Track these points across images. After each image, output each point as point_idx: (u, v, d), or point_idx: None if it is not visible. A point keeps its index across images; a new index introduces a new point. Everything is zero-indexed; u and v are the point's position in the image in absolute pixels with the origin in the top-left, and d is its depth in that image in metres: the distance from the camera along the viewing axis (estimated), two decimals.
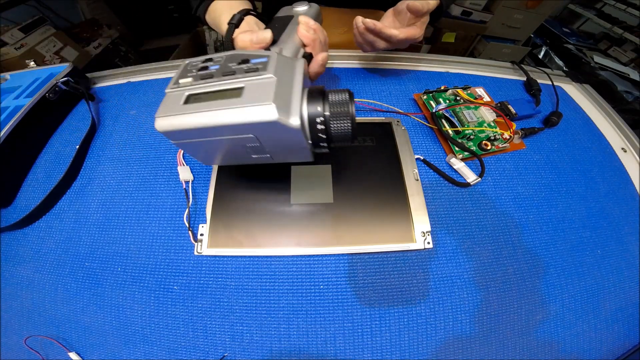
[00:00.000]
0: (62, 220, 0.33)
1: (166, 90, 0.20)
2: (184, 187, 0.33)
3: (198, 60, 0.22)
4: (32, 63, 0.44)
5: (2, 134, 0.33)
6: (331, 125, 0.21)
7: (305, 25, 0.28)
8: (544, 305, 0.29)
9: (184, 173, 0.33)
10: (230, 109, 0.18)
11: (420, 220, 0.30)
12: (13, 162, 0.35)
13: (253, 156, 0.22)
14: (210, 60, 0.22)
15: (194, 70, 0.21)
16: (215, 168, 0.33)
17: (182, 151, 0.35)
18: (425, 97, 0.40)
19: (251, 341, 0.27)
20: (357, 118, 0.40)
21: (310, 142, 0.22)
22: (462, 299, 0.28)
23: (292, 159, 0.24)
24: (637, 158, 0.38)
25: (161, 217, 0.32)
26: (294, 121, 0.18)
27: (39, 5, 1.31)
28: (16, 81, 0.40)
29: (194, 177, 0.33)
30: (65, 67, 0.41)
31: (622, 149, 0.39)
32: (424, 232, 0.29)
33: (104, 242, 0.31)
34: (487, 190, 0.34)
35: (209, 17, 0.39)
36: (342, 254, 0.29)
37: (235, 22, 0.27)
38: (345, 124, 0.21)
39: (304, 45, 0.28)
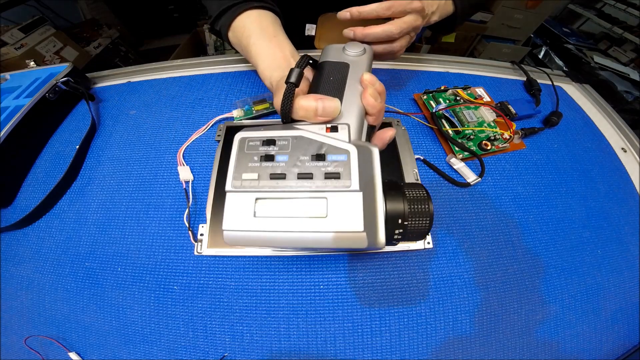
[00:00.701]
0: (62, 220, 0.33)
1: (227, 190, 0.18)
2: (184, 187, 0.33)
3: (255, 138, 0.19)
4: (32, 63, 0.44)
5: (2, 134, 0.33)
6: (408, 226, 0.19)
7: (373, 90, 0.23)
8: (544, 305, 0.29)
9: (184, 173, 0.33)
10: (315, 233, 0.16)
11: None
12: (13, 162, 0.35)
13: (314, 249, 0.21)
14: (272, 143, 0.19)
15: (255, 158, 0.18)
16: (215, 168, 0.33)
17: (182, 151, 0.35)
18: (425, 97, 0.40)
19: (251, 341, 0.27)
20: None
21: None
22: (462, 299, 0.28)
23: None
24: (637, 158, 0.38)
25: (161, 217, 0.32)
26: (381, 239, 0.17)
27: (39, 5, 1.31)
28: (16, 81, 0.40)
29: (194, 177, 0.33)
30: (65, 67, 0.41)
31: (622, 149, 0.39)
32: None
33: (104, 242, 0.31)
34: (487, 190, 0.34)
35: (232, 35, 0.34)
36: (342, 254, 0.29)
37: (295, 82, 0.21)
38: (424, 222, 0.19)
39: (366, 113, 0.23)
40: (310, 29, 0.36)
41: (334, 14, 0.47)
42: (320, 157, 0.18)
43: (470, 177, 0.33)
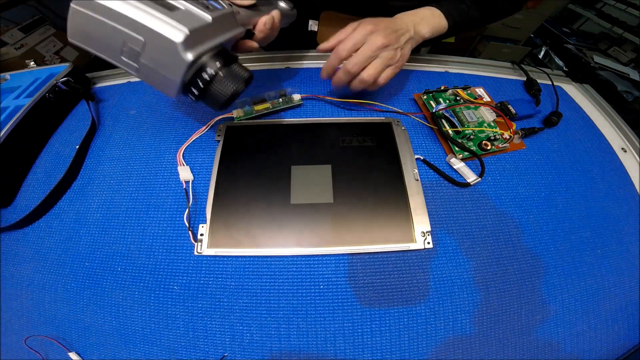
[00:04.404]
0: (62, 220, 0.33)
1: None
2: (184, 187, 0.33)
3: None
4: (32, 63, 0.44)
5: (2, 134, 0.33)
6: (213, 85, 0.24)
7: (270, 20, 0.29)
8: (544, 305, 0.29)
9: (184, 173, 0.33)
10: (155, 13, 0.20)
11: (420, 220, 0.30)
12: (13, 162, 0.35)
13: (122, 57, 0.22)
14: None
15: None
16: (215, 168, 0.33)
17: (182, 151, 0.35)
18: (425, 97, 0.40)
19: (251, 341, 0.27)
20: (357, 118, 0.40)
21: (183, 80, 0.22)
22: (462, 299, 0.28)
23: (154, 83, 0.24)
24: (637, 158, 0.38)
25: (161, 217, 0.32)
26: (189, 57, 0.21)
27: (39, 5, 1.31)
28: (16, 81, 0.40)
29: (194, 177, 0.33)
30: (65, 67, 0.41)
31: (622, 149, 0.39)
32: (424, 232, 0.29)
33: (104, 242, 0.31)
34: (487, 190, 0.34)
35: None
36: (342, 254, 0.29)
37: None
38: (224, 91, 0.24)
39: (253, 27, 0.29)
40: (313, 25, 0.36)
41: (336, 13, 0.47)
42: None
43: (470, 177, 0.33)
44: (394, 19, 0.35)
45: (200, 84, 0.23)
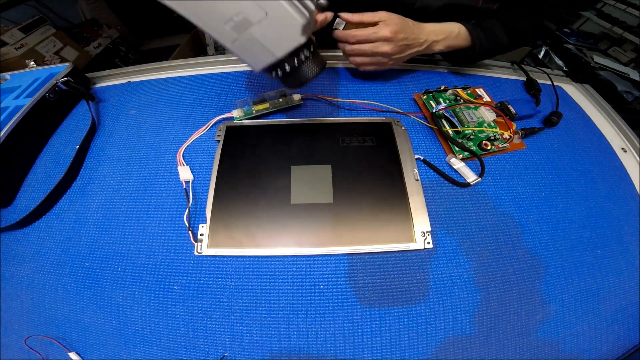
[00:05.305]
0: (62, 220, 0.33)
1: None
2: (184, 187, 0.33)
3: None
4: (32, 63, 0.44)
5: (2, 134, 0.33)
6: (302, 66, 0.27)
7: (324, 20, 0.31)
8: (544, 305, 0.29)
9: (184, 173, 0.33)
10: None
11: (420, 220, 0.30)
12: (13, 162, 0.35)
13: (225, 27, 0.22)
14: None
15: None
16: (215, 168, 0.33)
17: (182, 151, 0.35)
18: (425, 97, 0.40)
19: (251, 341, 0.27)
20: (357, 118, 0.40)
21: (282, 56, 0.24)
22: (462, 299, 0.28)
23: (247, 55, 0.24)
24: (637, 158, 0.38)
25: (161, 217, 0.32)
26: (302, 39, 0.22)
27: (39, 5, 1.31)
28: (16, 81, 0.40)
29: (194, 177, 0.33)
30: (65, 67, 0.41)
31: (622, 149, 0.39)
32: (424, 232, 0.29)
33: (104, 242, 0.31)
34: (487, 190, 0.34)
35: None
36: (342, 254, 0.29)
37: None
38: (310, 73, 0.27)
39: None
40: (340, 24, 0.36)
41: None
42: None
43: (470, 177, 0.33)
44: (420, 26, 0.37)
45: (296, 62, 0.26)
